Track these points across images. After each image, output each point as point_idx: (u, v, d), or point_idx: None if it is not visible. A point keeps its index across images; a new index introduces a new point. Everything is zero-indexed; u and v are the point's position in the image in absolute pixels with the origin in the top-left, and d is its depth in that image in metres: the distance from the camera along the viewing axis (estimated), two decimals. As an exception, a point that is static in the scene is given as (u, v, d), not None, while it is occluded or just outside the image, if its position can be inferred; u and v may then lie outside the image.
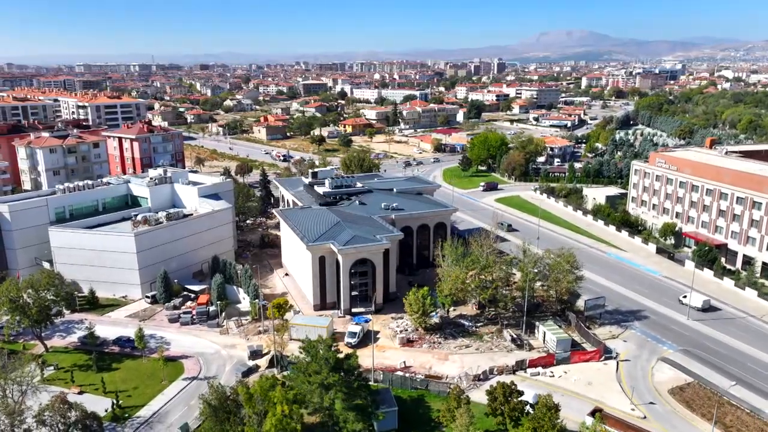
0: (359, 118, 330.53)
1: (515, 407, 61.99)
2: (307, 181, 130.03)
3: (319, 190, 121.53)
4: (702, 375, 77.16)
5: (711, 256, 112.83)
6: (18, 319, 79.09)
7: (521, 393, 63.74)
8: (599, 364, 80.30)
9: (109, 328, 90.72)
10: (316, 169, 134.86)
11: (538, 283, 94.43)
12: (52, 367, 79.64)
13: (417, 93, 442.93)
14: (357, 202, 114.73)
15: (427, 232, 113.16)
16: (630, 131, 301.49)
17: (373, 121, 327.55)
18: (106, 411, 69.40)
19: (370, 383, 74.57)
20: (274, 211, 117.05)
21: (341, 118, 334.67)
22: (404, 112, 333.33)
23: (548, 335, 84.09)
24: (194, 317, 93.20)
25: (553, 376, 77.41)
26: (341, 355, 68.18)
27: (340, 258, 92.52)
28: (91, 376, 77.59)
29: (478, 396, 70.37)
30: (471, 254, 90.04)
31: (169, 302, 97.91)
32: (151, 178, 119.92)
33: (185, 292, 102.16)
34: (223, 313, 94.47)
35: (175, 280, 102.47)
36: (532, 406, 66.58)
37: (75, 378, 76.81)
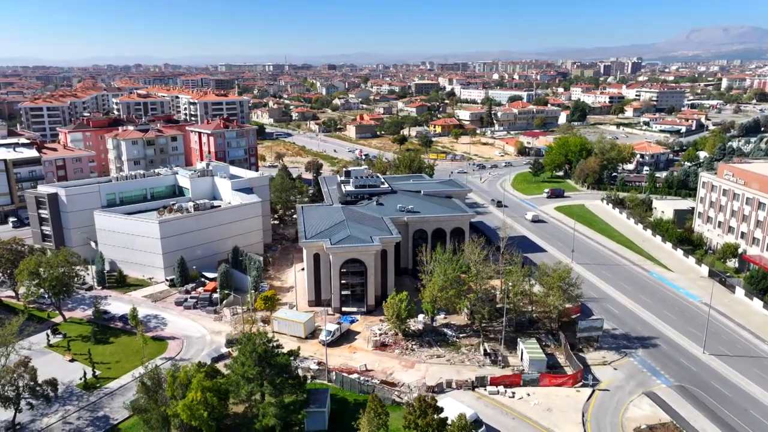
0: (450, 118, 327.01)
1: (429, 423, 59.19)
2: (339, 179, 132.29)
3: (344, 188, 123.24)
4: (684, 416, 68.12)
5: (765, 284, 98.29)
6: (32, 290, 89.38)
7: (440, 409, 60.65)
8: (571, 390, 73.84)
9: (125, 305, 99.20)
10: (349, 168, 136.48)
11: (551, 297, 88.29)
12: (61, 335, 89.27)
13: (523, 94, 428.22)
14: (375, 202, 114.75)
15: (443, 236, 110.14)
16: (753, 139, 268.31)
17: (466, 122, 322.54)
18: (80, 379, 76.72)
19: (316, 381, 75.76)
20: (296, 206, 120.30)
21: (432, 118, 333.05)
22: (499, 114, 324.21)
23: (525, 354, 78.80)
24: (197, 302, 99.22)
25: (513, 397, 72.53)
26: (284, 350, 69.50)
27: (330, 256, 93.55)
28: (87, 347, 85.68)
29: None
30: (455, 261, 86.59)
31: (182, 287, 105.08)
32: (194, 171, 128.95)
33: (202, 278, 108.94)
34: (224, 301, 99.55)
35: (194, 267, 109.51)
36: (473, 423, 63.38)
37: (72, 347, 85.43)
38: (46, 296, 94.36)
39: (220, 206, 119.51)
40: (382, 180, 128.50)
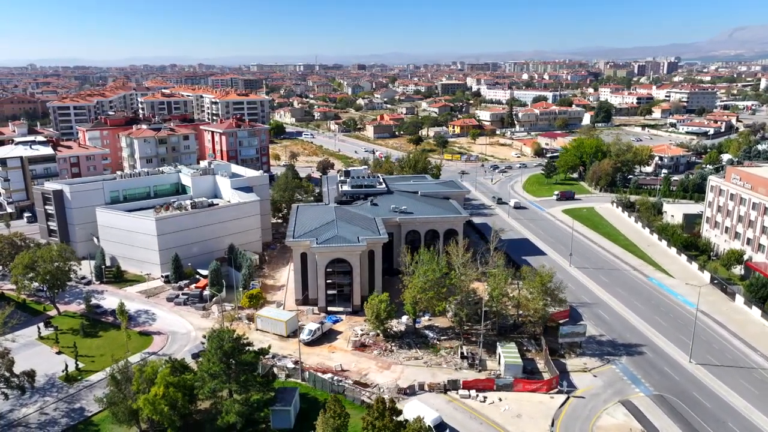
0: (470, 119, 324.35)
1: (386, 425, 58.88)
2: (338, 179, 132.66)
3: (341, 188, 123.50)
4: (658, 427, 66.14)
5: (765, 292, 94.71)
6: (25, 283, 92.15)
7: (398, 412, 60.31)
8: (545, 396, 72.50)
9: (118, 300, 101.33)
10: (348, 168, 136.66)
11: (533, 302, 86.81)
12: (53, 328, 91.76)
13: (549, 95, 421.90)
14: (369, 203, 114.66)
15: (437, 237, 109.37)
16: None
17: (487, 123, 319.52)
18: (62, 371, 78.75)
19: (290, 380, 76.05)
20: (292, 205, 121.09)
21: (453, 119, 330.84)
22: (520, 114, 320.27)
23: (501, 358, 77.70)
24: (188, 299, 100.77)
25: (484, 401, 71.59)
26: (255, 348, 70.11)
27: (316, 255, 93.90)
28: (74, 339, 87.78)
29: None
30: (436, 262, 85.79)
31: (176, 283, 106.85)
32: (196, 170, 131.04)
33: (196, 275, 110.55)
34: (213, 298, 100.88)
35: (189, 264, 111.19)
36: (430, 428, 62.99)
37: (62, 340, 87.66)
38: (43, 290, 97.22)
39: (217, 204, 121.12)
40: (380, 180, 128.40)
